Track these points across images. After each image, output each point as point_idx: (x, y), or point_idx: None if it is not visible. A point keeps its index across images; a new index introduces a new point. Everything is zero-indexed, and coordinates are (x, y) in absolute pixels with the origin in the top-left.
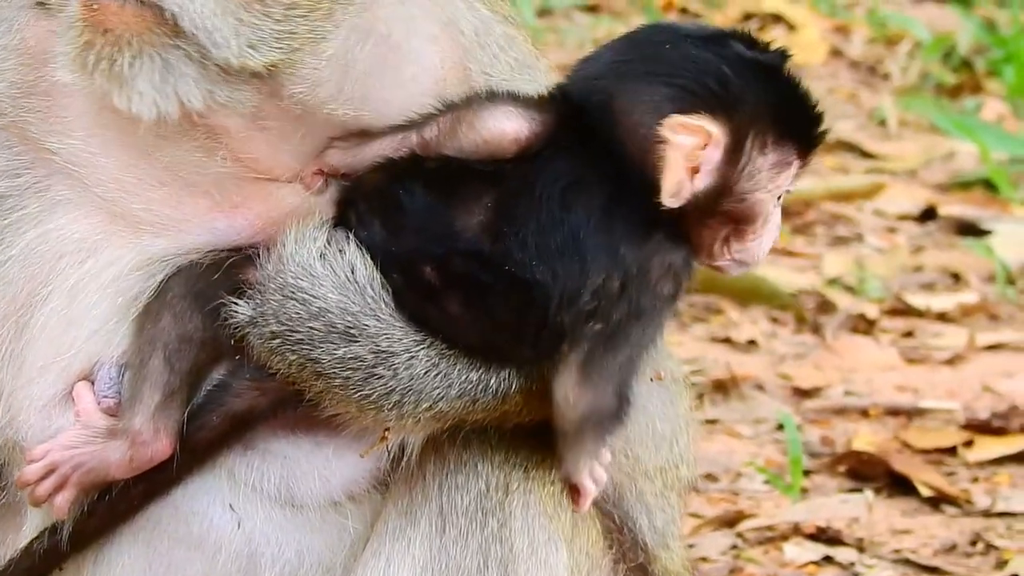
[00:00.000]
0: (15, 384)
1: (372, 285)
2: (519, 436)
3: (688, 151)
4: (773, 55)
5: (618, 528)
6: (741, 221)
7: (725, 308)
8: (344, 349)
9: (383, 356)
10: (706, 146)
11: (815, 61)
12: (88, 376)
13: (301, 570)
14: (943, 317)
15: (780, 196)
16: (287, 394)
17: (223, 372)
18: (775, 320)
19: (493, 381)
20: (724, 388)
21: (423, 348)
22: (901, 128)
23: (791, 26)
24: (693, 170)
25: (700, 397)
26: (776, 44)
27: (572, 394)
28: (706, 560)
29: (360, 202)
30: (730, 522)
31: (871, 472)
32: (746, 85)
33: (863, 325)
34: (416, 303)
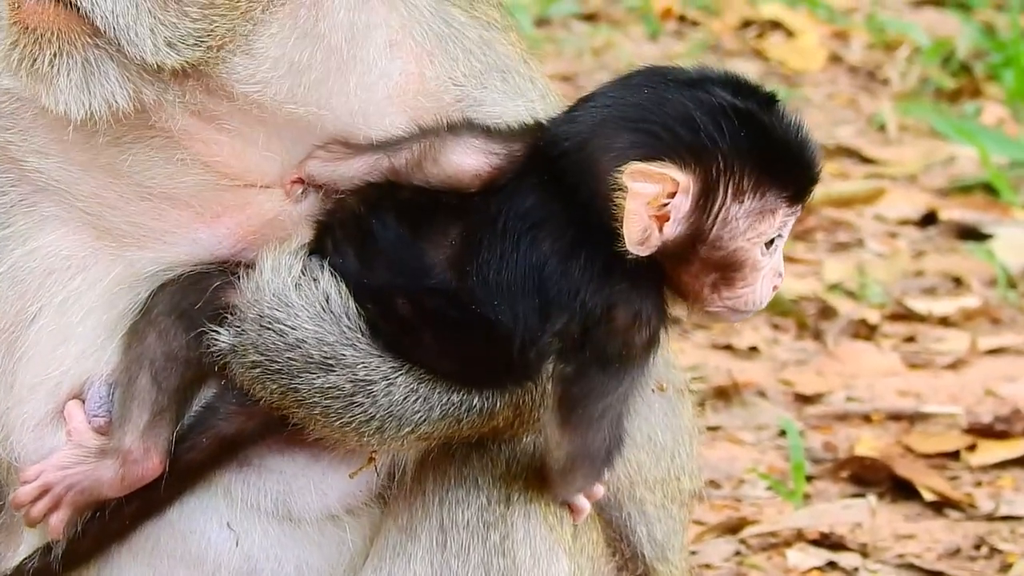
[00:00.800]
0: (7, 404)
1: (348, 314)
2: (518, 449)
3: (649, 199)
4: (756, 100)
5: (618, 538)
6: (726, 269)
7: None
8: (322, 379)
9: (361, 385)
10: (674, 194)
11: (814, 67)
12: (79, 394)
13: None
14: (945, 322)
15: (772, 242)
16: (273, 418)
17: (211, 394)
18: (776, 326)
19: (477, 401)
20: (726, 395)
21: (401, 375)
22: (901, 133)
23: (790, 32)
24: (661, 218)
25: (702, 404)
26: (770, 89)
27: (556, 434)
28: (709, 567)
29: (336, 228)
30: (733, 529)
31: (874, 477)
32: (720, 131)
33: (864, 330)
34: (391, 333)
